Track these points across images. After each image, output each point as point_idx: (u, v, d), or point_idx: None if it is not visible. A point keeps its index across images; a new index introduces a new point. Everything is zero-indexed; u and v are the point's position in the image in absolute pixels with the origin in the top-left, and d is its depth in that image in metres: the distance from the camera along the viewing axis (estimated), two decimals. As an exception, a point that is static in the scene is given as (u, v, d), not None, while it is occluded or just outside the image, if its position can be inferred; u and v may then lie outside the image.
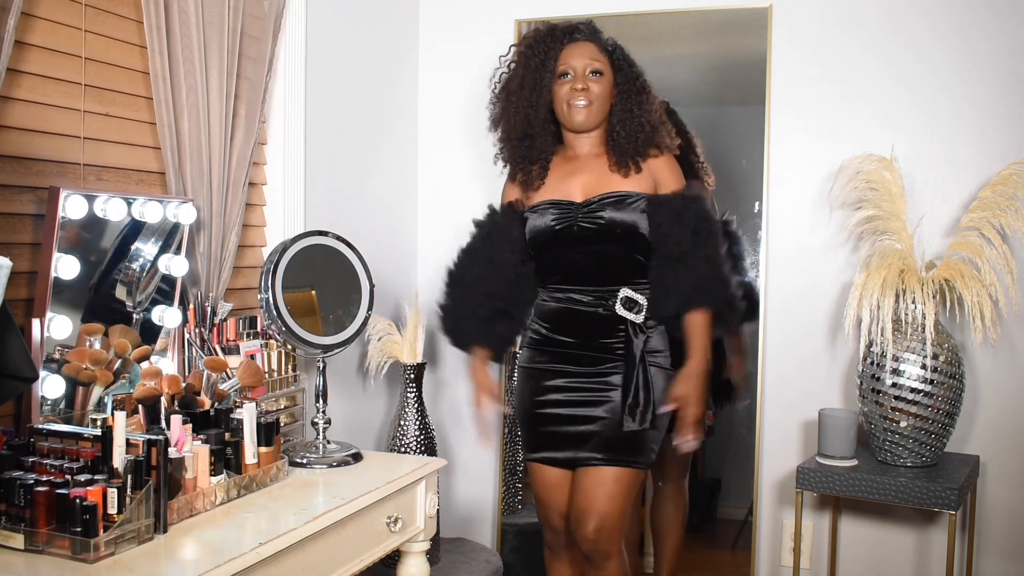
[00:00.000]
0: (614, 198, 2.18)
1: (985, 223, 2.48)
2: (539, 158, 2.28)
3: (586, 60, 2.22)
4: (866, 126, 2.71)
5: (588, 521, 2.15)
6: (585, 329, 2.21)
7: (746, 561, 2.84)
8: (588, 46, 2.25)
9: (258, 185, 2.43)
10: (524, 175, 2.29)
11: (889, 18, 2.69)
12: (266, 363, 2.18)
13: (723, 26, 2.87)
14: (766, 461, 2.83)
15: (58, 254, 1.71)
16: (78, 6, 1.84)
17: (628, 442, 2.15)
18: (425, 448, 2.66)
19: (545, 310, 2.28)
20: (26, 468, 1.48)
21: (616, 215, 2.17)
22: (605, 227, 2.17)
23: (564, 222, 2.20)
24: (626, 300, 2.18)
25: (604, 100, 2.23)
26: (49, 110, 1.79)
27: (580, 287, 2.22)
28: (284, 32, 2.40)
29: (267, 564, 1.47)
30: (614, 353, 2.19)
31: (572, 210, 2.21)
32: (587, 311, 2.21)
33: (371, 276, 2.19)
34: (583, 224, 2.19)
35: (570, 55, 2.24)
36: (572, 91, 2.21)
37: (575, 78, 2.22)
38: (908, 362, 2.40)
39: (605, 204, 2.18)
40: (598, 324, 2.20)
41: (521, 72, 2.27)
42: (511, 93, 2.28)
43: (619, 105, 2.24)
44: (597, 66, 2.22)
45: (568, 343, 2.23)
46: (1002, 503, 2.63)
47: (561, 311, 2.24)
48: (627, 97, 2.24)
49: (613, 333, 2.19)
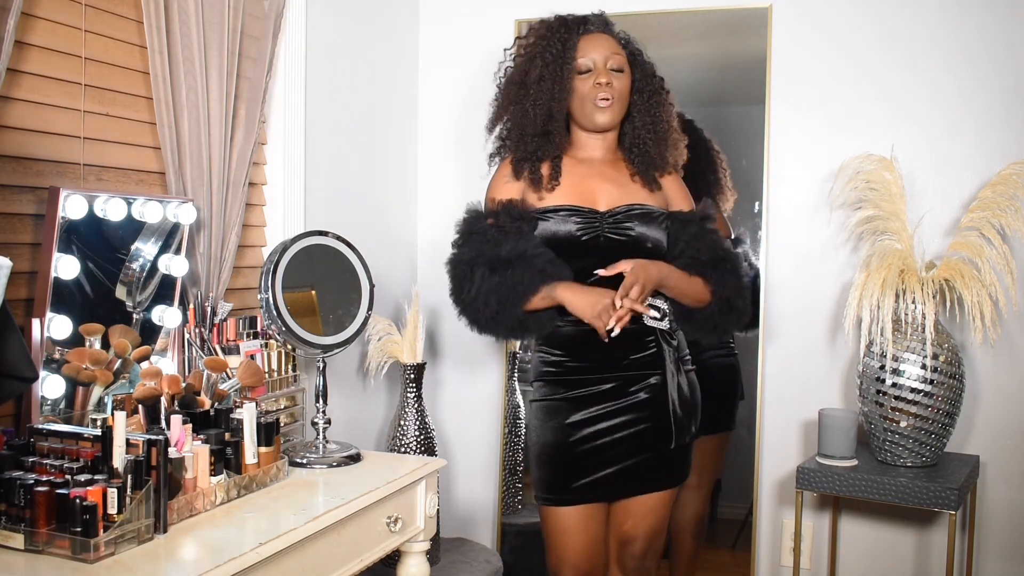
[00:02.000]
0: (641, 211, 2.07)
1: (985, 223, 2.48)
2: (551, 156, 2.14)
3: (606, 53, 2.10)
4: (866, 126, 2.71)
5: (638, 542, 2.13)
6: (611, 349, 2.02)
7: (746, 561, 2.84)
8: (606, 38, 2.14)
9: (258, 185, 2.43)
10: (532, 174, 2.12)
11: (889, 18, 2.69)
12: (266, 363, 2.18)
13: (723, 26, 2.87)
14: (766, 461, 2.83)
15: (58, 254, 1.71)
16: (78, 6, 1.84)
17: (672, 462, 2.09)
18: (425, 448, 2.66)
19: (562, 336, 2.08)
20: (26, 468, 1.48)
21: (646, 230, 2.06)
22: (634, 240, 2.05)
23: (590, 232, 2.05)
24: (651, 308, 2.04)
25: (625, 98, 2.12)
26: (49, 110, 1.79)
27: None
28: (284, 32, 2.40)
29: (267, 564, 1.47)
30: (643, 369, 2.06)
31: (597, 220, 2.07)
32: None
33: (371, 276, 2.18)
34: (610, 235, 2.06)
35: (589, 47, 2.11)
36: (596, 86, 2.08)
37: (597, 72, 2.09)
38: (908, 362, 2.40)
39: (633, 216, 2.07)
40: (625, 340, 2.00)
41: (540, 64, 2.11)
42: (528, 87, 2.12)
43: (639, 106, 2.14)
44: (618, 61, 2.11)
45: (592, 368, 2.06)
46: (1002, 503, 2.63)
47: (581, 334, 2.04)
48: (646, 97, 2.14)
49: (643, 347, 2.06)
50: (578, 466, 2.07)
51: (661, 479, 2.10)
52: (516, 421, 3.07)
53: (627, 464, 2.07)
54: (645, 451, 2.07)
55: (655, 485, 2.10)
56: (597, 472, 2.07)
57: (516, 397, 3.07)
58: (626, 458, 2.07)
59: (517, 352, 3.07)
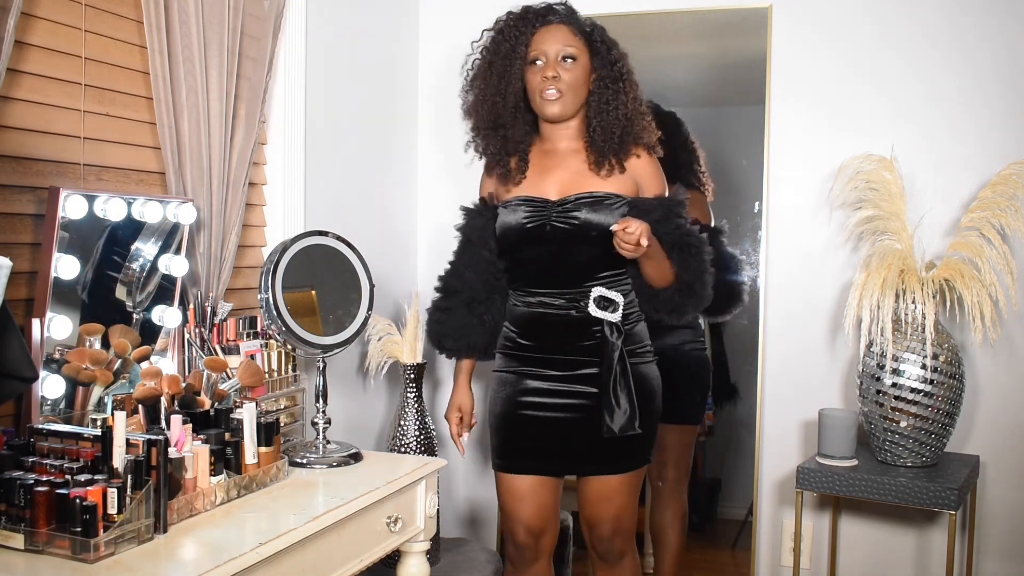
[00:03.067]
0: (590, 198, 2.08)
1: (985, 223, 2.48)
2: (516, 150, 2.17)
3: (558, 45, 2.09)
4: (866, 126, 2.71)
5: (602, 525, 2.15)
6: (557, 333, 2.12)
7: (746, 561, 2.84)
8: (562, 29, 2.11)
9: (258, 185, 2.43)
10: (501, 168, 2.18)
11: (889, 18, 2.70)
12: (266, 363, 2.18)
13: (723, 26, 2.87)
14: (766, 461, 2.83)
15: (58, 254, 1.71)
16: (78, 6, 1.84)
17: (620, 449, 2.10)
18: (425, 448, 2.66)
19: (516, 314, 2.18)
20: (26, 468, 1.47)
21: (592, 216, 2.06)
22: (579, 228, 2.06)
23: (536, 220, 2.10)
24: (600, 299, 2.07)
25: (578, 88, 2.10)
26: (49, 110, 1.79)
27: (550, 289, 2.12)
28: (284, 32, 2.40)
29: (267, 564, 1.47)
30: (590, 355, 2.09)
31: (545, 208, 2.10)
32: (559, 314, 2.11)
33: (371, 276, 2.18)
34: (556, 224, 2.08)
35: (542, 40, 2.10)
36: (543, 80, 2.08)
37: (546, 65, 2.09)
38: (908, 362, 2.40)
39: (581, 204, 2.08)
40: (571, 327, 2.10)
41: (490, 58, 2.15)
42: (478, 79, 2.17)
43: (595, 94, 2.11)
44: (570, 51, 2.09)
45: (541, 348, 2.14)
46: (1002, 503, 2.63)
47: (531, 315, 2.15)
48: (603, 85, 2.11)
49: (588, 335, 2.09)
50: (523, 435, 2.16)
51: (608, 463, 2.11)
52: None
53: (570, 444, 2.12)
54: (586, 434, 2.10)
55: (602, 468, 2.12)
56: (541, 443, 2.14)
57: (516, 397, 3.07)
58: (568, 438, 2.12)
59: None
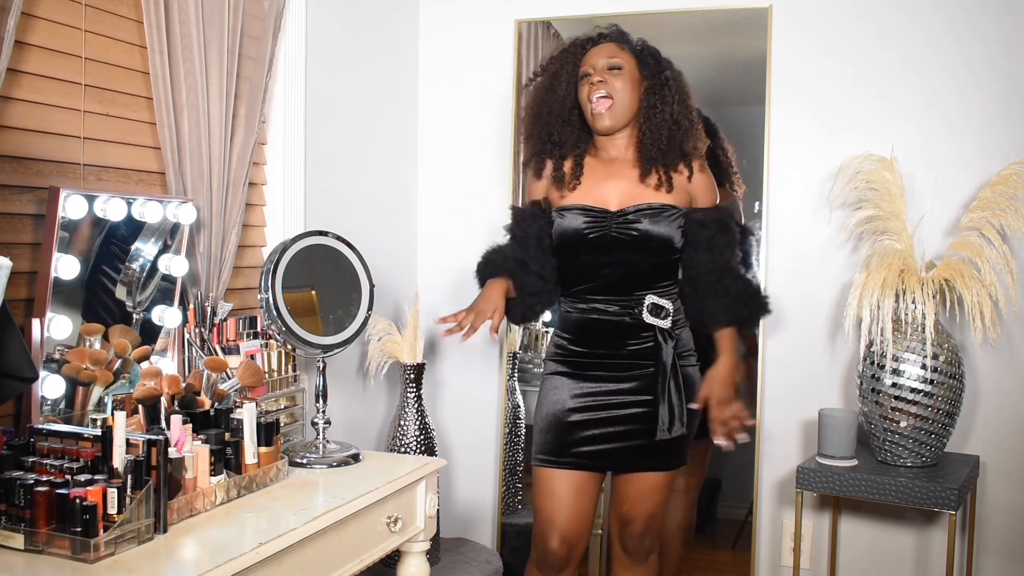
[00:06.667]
0: (650, 210, 2.14)
1: (985, 223, 2.48)
2: (569, 154, 2.23)
3: (604, 58, 2.18)
4: (866, 126, 2.71)
5: (636, 522, 2.21)
6: (611, 338, 2.17)
7: (746, 561, 2.84)
8: (610, 46, 2.21)
9: (258, 185, 2.43)
10: (556, 172, 2.23)
11: (889, 19, 2.69)
12: (266, 363, 2.18)
13: (723, 26, 2.87)
14: (766, 461, 2.83)
15: (58, 254, 1.71)
16: (78, 6, 1.84)
17: (667, 448, 2.16)
18: (425, 448, 2.66)
19: (569, 321, 2.23)
20: (26, 468, 1.48)
21: (652, 228, 2.13)
22: (639, 239, 2.13)
23: (597, 230, 2.15)
24: (653, 307, 2.15)
25: (628, 96, 2.16)
26: (49, 110, 1.79)
27: (606, 296, 2.17)
28: (284, 32, 2.40)
29: (267, 564, 1.47)
30: (639, 358, 2.15)
31: (606, 218, 2.15)
32: (613, 320, 2.16)
33: (371, 276, 2.19)
34: (616, 235, 2.14)
35: (591, 56, 2.20)
36: (591, 87, 2.16)
37: (594, 74, 2.17)
38: (908, 362, 2.40)
39: (641, 215, 2.14)
40: (624, 332, 2.16)
41: (548, 80, 2.26)
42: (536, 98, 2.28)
43: (645, 102, 2.19)
44: (616, 61, 2.17)
45: (592, 352, 2.19)
46: (1002, 503, 2.63)
47: (585, 321, 2.19)
48: (651, 92, 2.19)
49: (637, 338, 2.16)
50: (575, 433, 2.18)
51: (653, 461, 2.18)
52: (516, 421, 3.08)
53: (620, 444, 2.16)
54: (637, 436, 2.16)
55: (647, 465, 2.18)
56: (591, 444, 2.17)
57: (516, 397, 3.07)
58: (619, 439, 2.16)
59: (517, 352, 3.07)
